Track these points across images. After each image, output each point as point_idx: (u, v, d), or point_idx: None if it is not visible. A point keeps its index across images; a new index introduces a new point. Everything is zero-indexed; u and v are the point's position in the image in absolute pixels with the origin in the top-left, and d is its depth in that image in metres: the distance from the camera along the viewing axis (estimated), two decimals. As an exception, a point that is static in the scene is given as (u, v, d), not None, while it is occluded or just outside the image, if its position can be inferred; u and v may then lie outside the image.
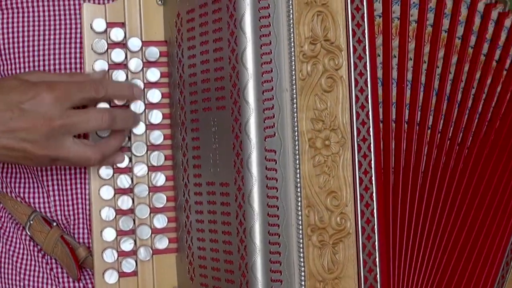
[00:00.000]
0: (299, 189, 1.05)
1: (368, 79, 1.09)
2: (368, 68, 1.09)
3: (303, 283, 1.05)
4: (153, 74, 1.16)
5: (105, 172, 1.15)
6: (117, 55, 1.15)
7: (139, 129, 1.15)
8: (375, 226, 1.09)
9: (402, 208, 1.14)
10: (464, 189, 1.22)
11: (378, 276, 1.09)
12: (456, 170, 1.21)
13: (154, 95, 1.16)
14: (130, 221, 1.16)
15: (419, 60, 1.18)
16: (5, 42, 1.18)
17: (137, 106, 1.15)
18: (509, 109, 1.27)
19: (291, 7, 1.04)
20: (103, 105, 1.11)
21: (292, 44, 1.05)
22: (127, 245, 1.16)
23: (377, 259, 1.09)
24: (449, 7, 1.22)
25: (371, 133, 1.09)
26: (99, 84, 1.09)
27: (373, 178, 1.09)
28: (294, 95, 1.05)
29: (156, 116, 1.16)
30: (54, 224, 1.21)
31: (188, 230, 1.15)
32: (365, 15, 1.09)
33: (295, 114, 1.05)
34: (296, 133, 1.05)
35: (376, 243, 1.09)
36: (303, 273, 1.05)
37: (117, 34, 1.15)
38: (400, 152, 1.15)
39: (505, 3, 1.29)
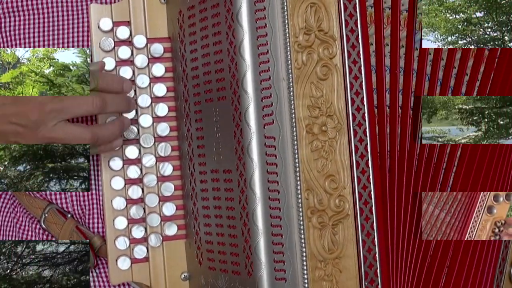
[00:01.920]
0: (298, 173, 1.09)
1: (362, 67, 1.13)
2: (361, 56, 1.13)
3: (304, 263, 1.09)
4: (158, 69, 1.21)
5: (116, 163, 1.21)
6: (124, 52, 1.20)
7: (147, 121, 1.21)
8: (373, 208, 1.13)
9: (399, 190, 1.18)
10: (456, 171, 1.25)
11: (377, 255, 1.13)
12: (453, 156, 1.24)
13: (160, 89, 1.21)
14: (140, 210, 1.21)
15: (411, 47, 1.21)
16: (10, 40, 1.24)
17: (144, 100, 1.21)
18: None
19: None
20: None
21: (287, 35, 1.09)
22: (138, 232, 1.21)
23: (375, 239, 1.13)
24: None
25: (366, 118, 1.13)
26: (91, 76, 1.12)
27: (369, 161, 1.13)
28: (291, 84, 1.09)
29: (162, 109, 1.21)
30: (69, 215, 1.27)
31: (195, 216, 1.19)
32: (357, 5, 1.13)
33: (292, 102, 1.09)
34: (294, 119, 1.09)
35: (374, 223, 1.13)
36: (304, 254, 1.09)
37: (123, 32, 1.20)
38: (395, 136, 1.18)
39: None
